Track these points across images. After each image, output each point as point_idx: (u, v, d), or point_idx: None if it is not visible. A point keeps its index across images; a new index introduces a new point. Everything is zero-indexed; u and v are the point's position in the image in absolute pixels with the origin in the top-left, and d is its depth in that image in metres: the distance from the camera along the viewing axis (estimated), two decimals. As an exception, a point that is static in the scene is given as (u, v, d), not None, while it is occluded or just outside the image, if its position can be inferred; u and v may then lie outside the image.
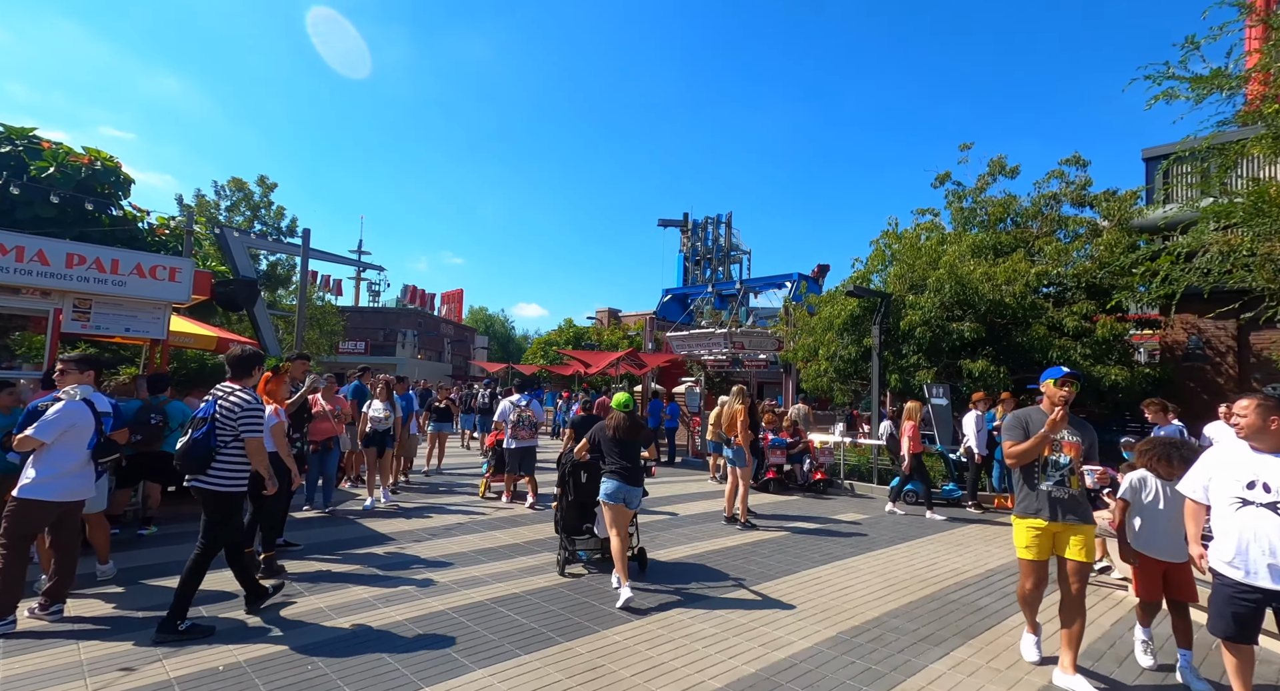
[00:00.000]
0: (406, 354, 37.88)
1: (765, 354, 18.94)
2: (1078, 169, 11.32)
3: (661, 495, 9.68)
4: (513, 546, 6.27)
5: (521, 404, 8.39)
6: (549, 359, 26.21)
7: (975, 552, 6.61)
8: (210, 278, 8.20)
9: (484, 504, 8.51)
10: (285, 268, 25.00)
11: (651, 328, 21.05)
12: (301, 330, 9.51)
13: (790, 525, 7.78)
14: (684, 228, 41.73)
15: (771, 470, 10.42)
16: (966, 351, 11.09)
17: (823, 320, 13.05)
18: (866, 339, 11.85)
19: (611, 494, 4.88)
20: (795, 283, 19.12)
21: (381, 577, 5.09)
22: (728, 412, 7.72)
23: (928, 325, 11.00)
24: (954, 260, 10.78)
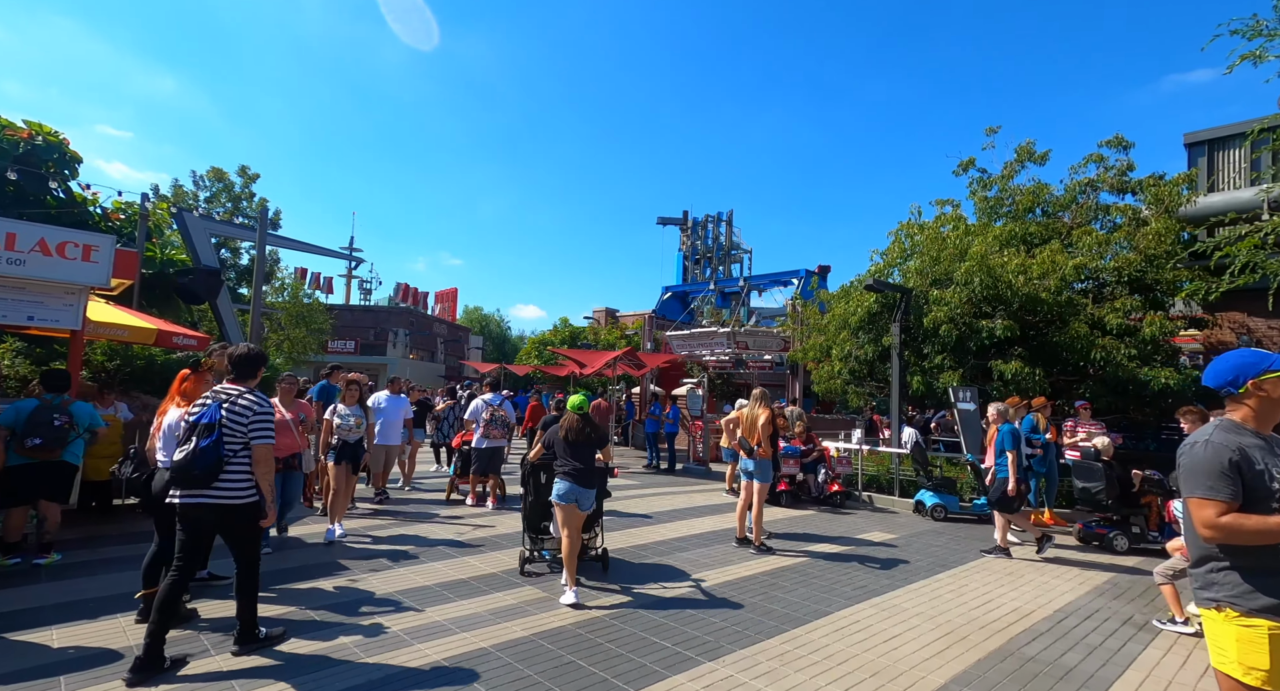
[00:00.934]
0: (398, 354, 36.77)
1: (770, 354, 18.00)
2: (1119, 152, 10.38)
3: (664, 509, 8.70)
4: (488, 578, 5.28)
5: (494, 403, 8.34)
6: (544, 359, 25.20)
7: (1033, 585, 5.65)
8: (138, 259, 7.19)
9: (458, 520, 7.53)
10: (269, 262, 23.97)
11: (650, 327, 20.09)
12: (257, 319, 8.50)
13: (811, 548, 6.80)
14: (683, 226, 40.80)
15: (783, 481, 9.45)
16: (996, 351, 10.15)
17: (836, 318, 12.10)
18: (885, 337, 10.90)
19: (562, 495, 4.91)
20: (803, 279, 18.17)
21: (319, 626, 4.10)
22: (748, 419, 6.75)
23: (953, 322, 10.06)
24: (985, 251, 9.83)
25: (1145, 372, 8.89)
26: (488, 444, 8.15)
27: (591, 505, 5.08)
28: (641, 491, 10.36)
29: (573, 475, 4.93)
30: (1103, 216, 10.61)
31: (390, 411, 7.89)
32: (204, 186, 21.74)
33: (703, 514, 8.53)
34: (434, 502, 8.64)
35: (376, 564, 5.51)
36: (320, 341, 34.62)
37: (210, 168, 21.79)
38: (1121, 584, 5.81)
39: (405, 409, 8.20)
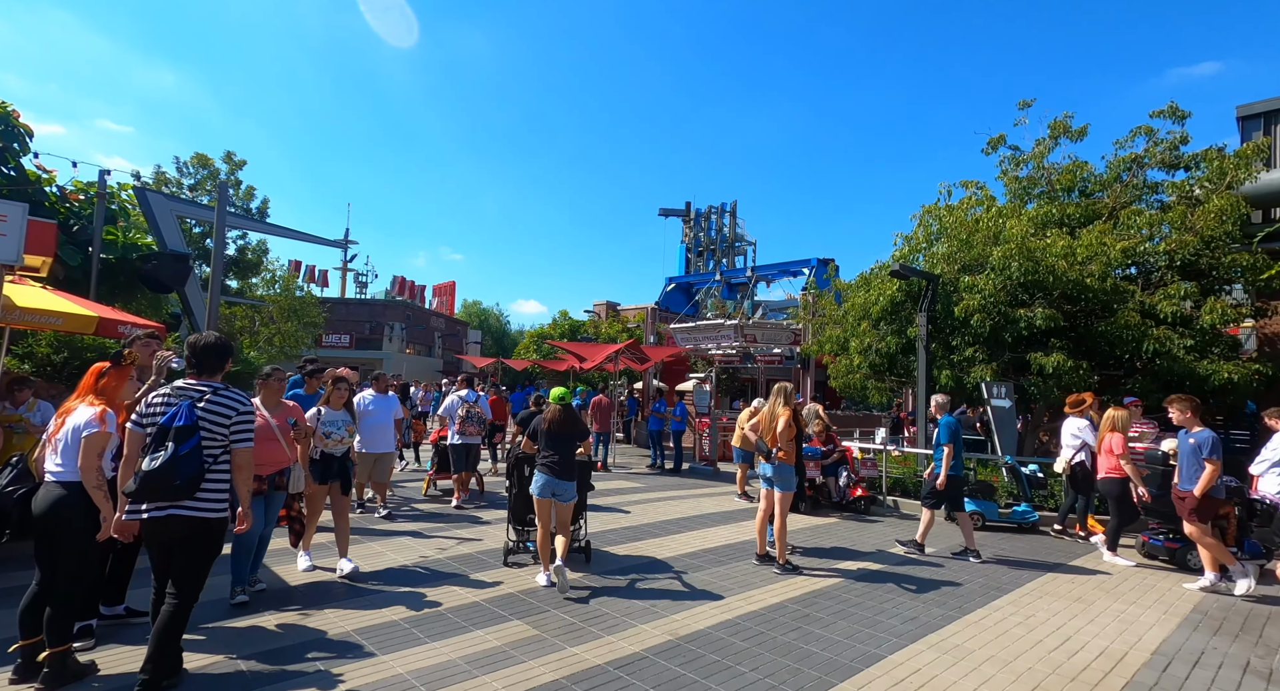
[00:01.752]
0: (394, 348, 36.00)
1: (780, 348, 17.14)
2: (1173, 123, 9.46)
3: (671, 517, 7.86)
4: (468, 609, 4.44)
5: (470, 400, 8.24)
6: (542, 354, 24.37)
7: (1109, 615, 4.80)
8: (55, 231, 6.32)
9: (439, 531, 6.70)
10: (256, 252, 23.10)
11: (653, 319, 19.23)
12: (215, 303, 7.62)
13: (842, 565, 5.96)
14: (686, 217, 39.87)
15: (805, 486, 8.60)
16: (1035, 343, 9.29)
17: (855, 308, 11.23)
18: (911, 328, 10.03)
19: (540, 489, 5.01)
20: (814, 269, 17.29)
21: (244, 680, 3.26)
22: (766, 417, 5.90)
23: (986, 312, 9.19)
24: (1025, 233, 8.94)
25: (1205, 366, 8.02)
26: (463, 440, 8.05)
27: (573, 498, 5.11)
28: (646, 495, 9.53)
29: (551, 468, 5.00)
30: (1149, 196, 9.71)
31: (379, 413, 6.97)
32: (188, 173, 20.83)
33: (715, 523, 7.69)
34: (410, 514, 7.81)
35: (334, 592, 4.67)
36: (314, 335, 33.89)
37: (194, 153, 20.90)
38: (1213, 612, 4.97)
39: (396, 410, 7.28)
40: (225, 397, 3.22)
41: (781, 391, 5.94)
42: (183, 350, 3.48)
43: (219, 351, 3.35)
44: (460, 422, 8.05)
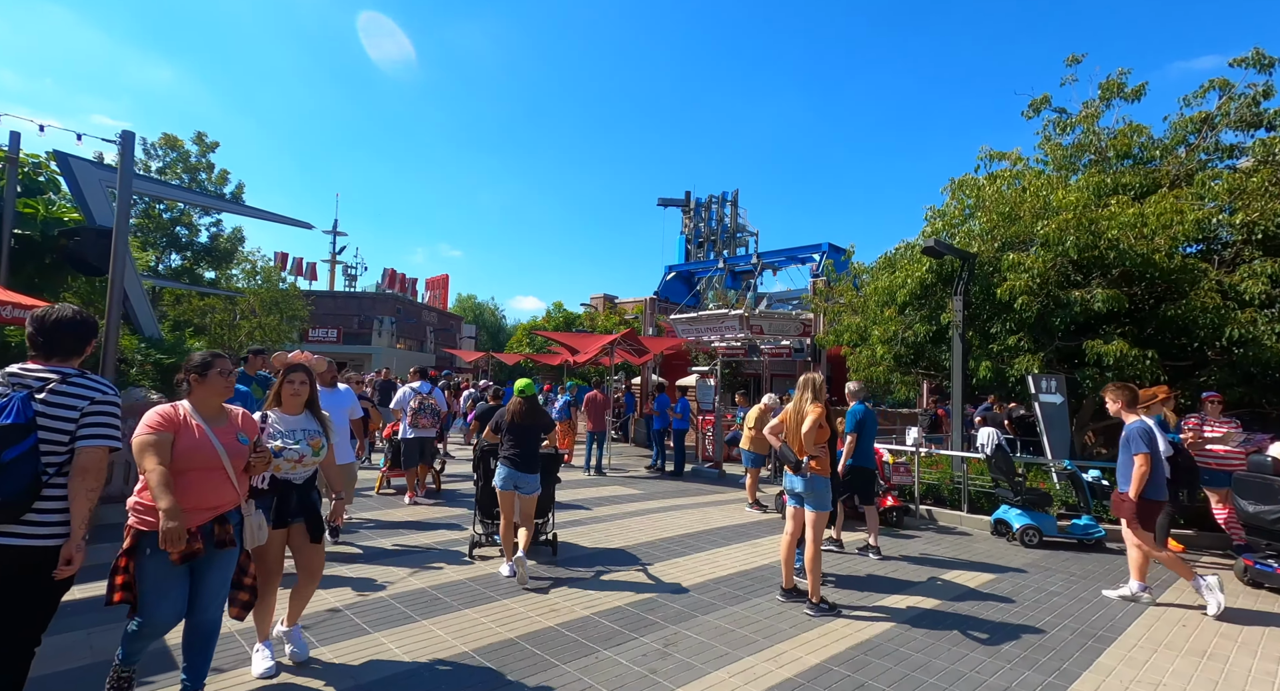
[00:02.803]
0: (384, 342, 34.78)
1: (789, 340, 15.93)
2: (1255, 72, 8.21)
3: (673, 533, 6.67)
4: (424, 602, 3.25)
5: (424, 391, 7.96)
6: (535, 348, 23.16)
7: (1250, 676, 3.63)
8: None
9: (389, 554, 5.51)
10: (230, 240, 21.85)
11: (652, 310, 18.04)
12: (117, 293, 6.40)
13: (888, 602, 4.78)
14: (685, 207, 38.65)
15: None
16: (1088, 330, 8.11)
17: (878, 292, 10.02)
18: (945, 314, 8.83)
19: (502, 481, 4.99)
20: (824, 254, 16.08)
21: None
22: (791, 416, 4.72)
23: (1033, 294, 7.99)
24: (1085, 201, 7.74)
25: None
26: (415, 433, 7.72)
27: (536, 490, 5.09)
28: (644, 505, 8.34)
29: (513, 460, 4.98)
30: (1221, 160, 8.50)
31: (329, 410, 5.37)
32: (156, 156, 19.55)
33: (726, 540, 6.51)
34: (358, 524, 6.62)
35: (230, 648, 3.47)
36: (300, 329, 32.69)
37: (162, 134, 19.61)
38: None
39: (352, 407, 5.59)
40: (77, 386, 2.39)
41: (810, 384, 4.74)
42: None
43: (76, 329, 2.49)
44: (412, 415, 7.76)
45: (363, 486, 8.55)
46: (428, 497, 8.12)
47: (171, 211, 19.67)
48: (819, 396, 4.70)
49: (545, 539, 5.65)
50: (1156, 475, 4.79)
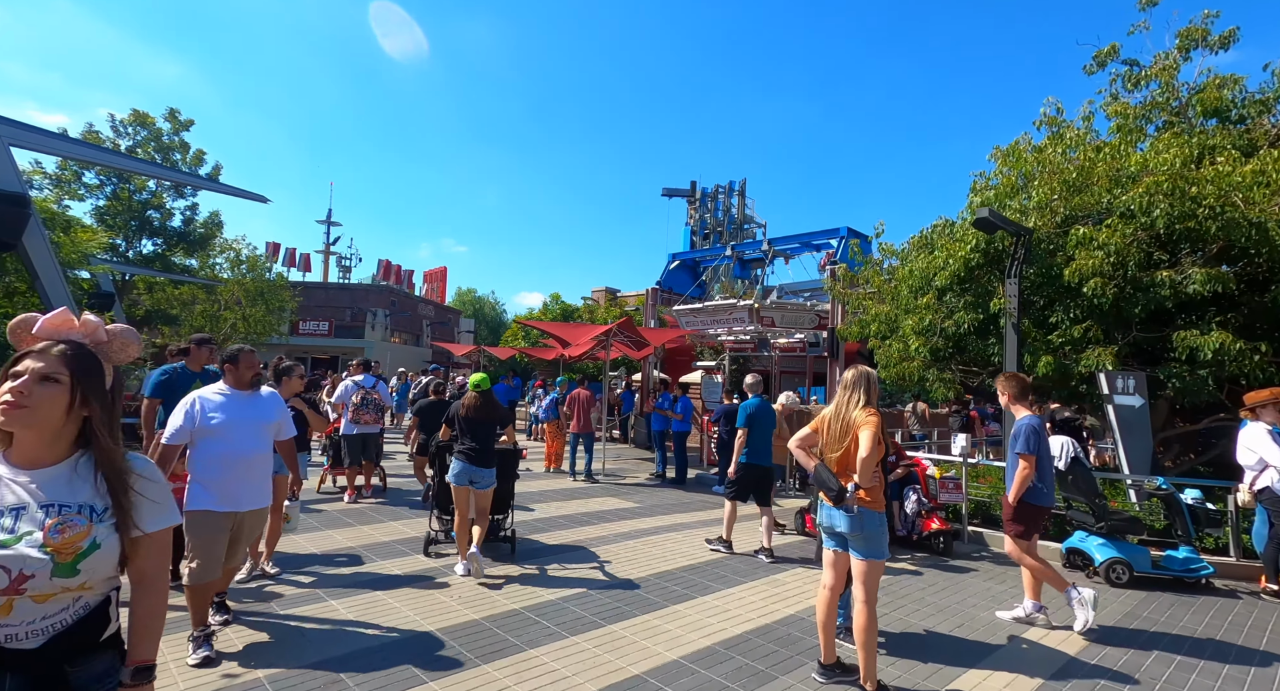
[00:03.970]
0: (377, 336, 33.52)
1: (802, 332, 14.59)
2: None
3: (673, 568, 5.35)
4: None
5: (367, 385, 7.65)
6: (530, 341, 21.90)
7: None
8: None
9: (311, 599, 4.25)
10: (207, 225, 20.60)
11: (654, 301, 16.71)
12: None
13: (970, 684, 3.46)
14: (691, 197, 37.22)
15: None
16: (1171, 317, 6.77)
17: (912, 276, 8.67)
18: (995, 300, 7.48)
19: (457, 475, 4.93)
20: (844, 240, 14.71)
21: None
22: (833, 426, 3.40)
23: (1107, 275, 6.65)
24: (1185, 159, 6.37)
25: None
26: (357, 430, 7.43)
27: (491, 484, 5.00)
28: (638, 523, 7.04)
29: (468, 455, 4.92)
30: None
31: (236, 427, 3.44)
32: (125, 134, 18.30)
33: (738, 575, 5.19)
34: (302, 559, 5.34)
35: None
36: (290, 321, 31.49)
37: (131, 110, 18.34)
38: None
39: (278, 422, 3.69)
40: None
41: (860, 382, 3.41)
42: None
43: None
44: (354, 411, 7.44)
45: (311, 499, 7.30)
46: (373, 496, 7.73)
47: (143, 192, 18.45)
48: (873, 399, 3.38)
49: (504, 535, 5.58)
50: (1044, 479, 4.35)
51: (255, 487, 3.51)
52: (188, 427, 3.36)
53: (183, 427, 3.35)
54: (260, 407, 3.62)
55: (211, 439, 3.37)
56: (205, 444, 3.38)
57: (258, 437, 3.55)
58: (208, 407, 3.42)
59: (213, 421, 3.39)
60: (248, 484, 3.46)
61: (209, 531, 3.31)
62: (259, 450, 3.54)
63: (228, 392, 3.54)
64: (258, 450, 3.53)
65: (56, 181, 17.11)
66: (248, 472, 3.46)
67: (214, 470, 3.35)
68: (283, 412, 3.76)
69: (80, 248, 12.36)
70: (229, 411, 3.45)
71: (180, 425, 3.35)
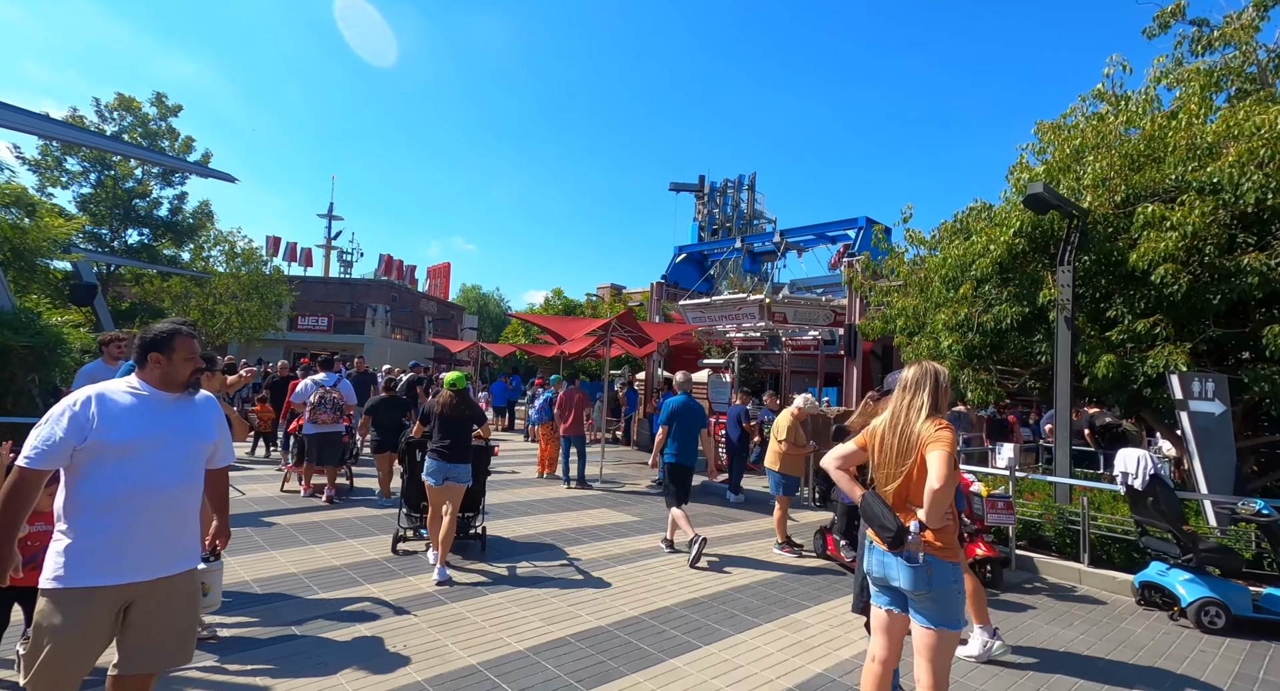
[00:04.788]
0: (377, 332, 32.83)
1: (817, 330, 13.68)
2: None
3: (673, 603, 4.46)
4: None
5: (327, 384, 7.40)
6: (530, 337, 21.08)
7: None
8: None
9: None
10: (197, 215, 19.88)
11: (659, 296, 15.84)
12: None
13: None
14: (699, 192, 36.33)
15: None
16: (1263, 310, 5.82)
17: (946, 265, 7.74)
18: (1045, 291, 6.56)
19: (432, 473, 4.95)
20: (861, 230, 13.77)
21: None
22: (887, 439, 2.51)
23: (1179, 262, 5.72)
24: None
25: None
26: (315, 430, 7.20)
27: (467, 481, 5.06)
28: (635, 542, 6.15)
29: (442, 452, 4.94)
30: None
31: (154, 447, 2.17)
32: (110, 119, 17.58)
33: (751, 614, 4.30)
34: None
35: None
36: (288, 317, 30.84)
37: (116, 95, 17.60)
38: None
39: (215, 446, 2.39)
40: None
41: (928, 382, 2.53)
42: None
43: None
44: (311, 409, 7.18)
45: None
46: (338, 497, 7.36)
47: (129, 180, 17.74)
48: (944, 405, 2.49)
49: (474, 533, 5.59)
50: None
51: (174, 542, 2.20)
52: (69, 442, 2.03)
53: (60, 442, 2.02)
54: (194, 419, 2.32)
55: (109, 463, 2.07)
56: (97, 470, 2.07)
57: (186, 463, 2.25)
58: (109, 412, 2.10)
59: (113, 436, 2.07)
60: (160, 538, 2.15)
61: (78, 620, 1.99)
62: (185, 482, 2.24)
63: (145, 393, 2.21)
64: (183, 482, 2.23)
65: (36, 167, 16.44)
66: (163, 518, 2.16)
67: (108, 515, 2.05)
68: (222, 428, 2.46)
69: (49, 233, 11.60)
70: (144, 421, 2.16)
71: (55, 437, 2.02)
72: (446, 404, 5.07)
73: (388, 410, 7.51)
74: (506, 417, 17.92)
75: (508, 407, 17.98)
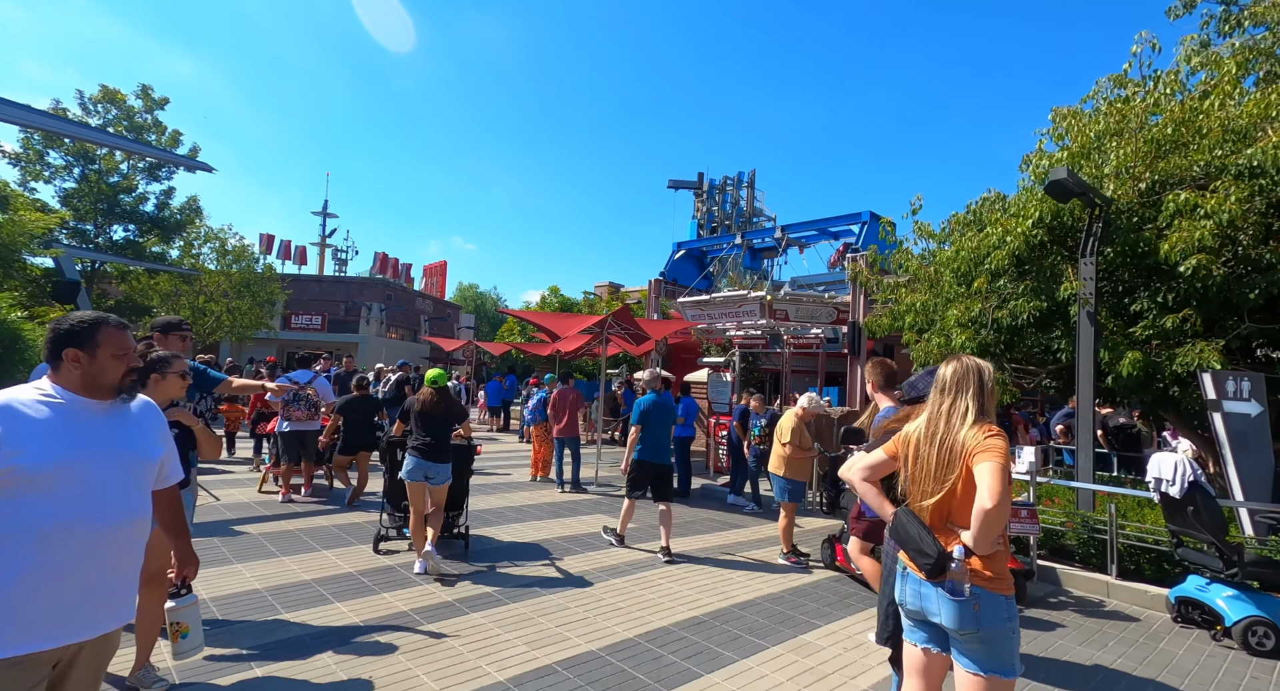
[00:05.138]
0: (372, 331, 32.34)
1: (819, 327, 13.31)
2: None
3: (672, 622, 4.07)
4: None
5: (301, 380, 7.15)
6: (526, 336, 20.69)
7: None
8: None
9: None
10: (184, 211, 19.45)
11: (657, 293, 15.46)
12: None
13: None
14: (698, 190, 35.90)
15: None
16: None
17: (958, 260, 7.36)
18: (1066, 284, 6.19)
19: (410, 471, 4.87)
20: (866, 226, 13.39)
21: None
22: (923, 445, 2.11)
23: (1212, 253, 5.35)
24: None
25: None
26: (289, 427, 7.05)
27: (447, 479, 4.98)
28: (631, 553, 5.77)
29: (421, 450, 4.87)
30: None
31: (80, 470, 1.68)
32: (94, 112, 17.15)
33: (756, 635, 3.91)
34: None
35: None
36: (281, 315, 30.40)
37: (100, 87, 17.16)
38: None
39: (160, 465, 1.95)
40: None
41: (972, 379, 2.14)
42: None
43: None
44: (284, 407, 7.06)
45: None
46: (313, 496, 7.24)
47: (114, 175, 17.29)
48: (991, 409, 2.11)
49: (458, 532, 5.55)
50: None
51: (115, 590, 1.76)
52: None
53: None
54: (132, 432, 1.86)
55: (22, 496, 1.59)
56: (9, 507, 1.59)
57: (125, 490, 1.78)
58: (19, 429, 1.62)
59: (26, 461, 1.59)
60: (100, 586, 1.71)
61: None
62: (127, 515, 1.77)
63: (61, 401, 1.73)
64: (124, 515, 1.76)
65: (17, 161, 16.00)
66: (100, 561, 1.70)
67: (24, 562, 1.58)
68: (168, 439, 2.01)
69: (24, 227, 11.20)
70: (65, 437, 1.69)
71: None
72: (426, 401, 4.98)
73: (360, 409, 7.24)
74: (502, 418, 17.52)
75: (503, 408, 17.59)
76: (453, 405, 5.10)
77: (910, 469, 2.19)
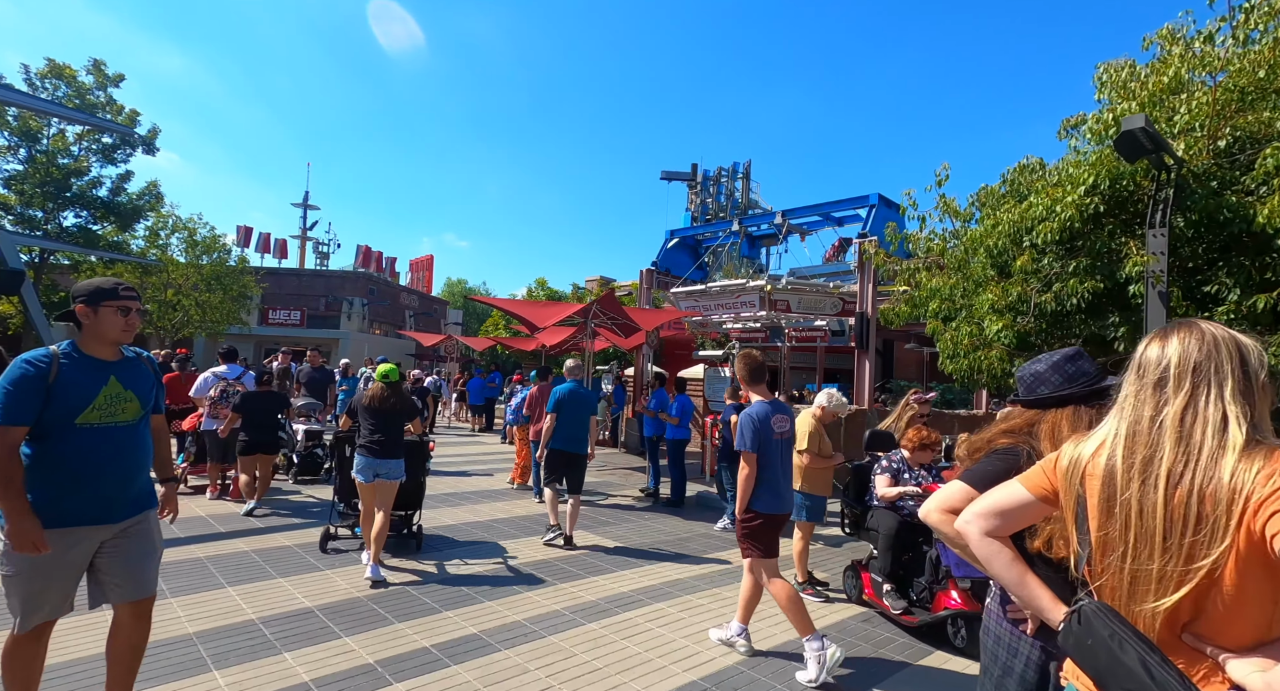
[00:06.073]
0: (354, 326, 31.17)
1: (823, 319, 12.33)
2: None
3: (662, 683, 3.10)
4: None
5: (230, 377, 6.86)
6: (512, 331, 19.63)
7: None
8: None
9: None
10: (144, 198, 18.20)
11: (649, 283, 14.46)
12: None
13: None
14: (691, 181, 34.88)
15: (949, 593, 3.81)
16: None
17: (996, 236, 6.38)
18: (1128, 263, 5.25)
19: (360, 470, 4.73)
20: (874, 210, 12.43)
21: None
22: (1134, 491, 1.12)
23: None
24: None
25: None
26: (215, 425, 6.63)
27: (399, 477, 4.83)
28: (615, 584, 4.75)
29: (371, 448, 4.74)
30: None
31: None
32: (41, 88, 15.86)
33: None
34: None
35: None
36: (258, 310, 29.21)
37: (47, 61, 15.85)
38: None
39: None
40: None
41: (1226, 362, 1.13)
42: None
43: None
44: (211, 404, 6.77)
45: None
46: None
47: (65, 157, 16.06)
48: (1263, 414, 1.10)
49: (409, 532, 5.41)
50: (770, 481, 3.50)
51: None
52: None
53: None
54: None
55: None
56: None
57: None
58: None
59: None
60: None
61: None
62: None
63: None
64: None
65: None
66: None
67: None
68: None
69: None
70: None
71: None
72: (375, 397, 4.83)
73: (259, 405, 6.50)
74: (485, 418, 16.50)
75: (486, 407, 16.55)
76: (403, 400, 4.93)
77: (1100, 528, 1.19)
